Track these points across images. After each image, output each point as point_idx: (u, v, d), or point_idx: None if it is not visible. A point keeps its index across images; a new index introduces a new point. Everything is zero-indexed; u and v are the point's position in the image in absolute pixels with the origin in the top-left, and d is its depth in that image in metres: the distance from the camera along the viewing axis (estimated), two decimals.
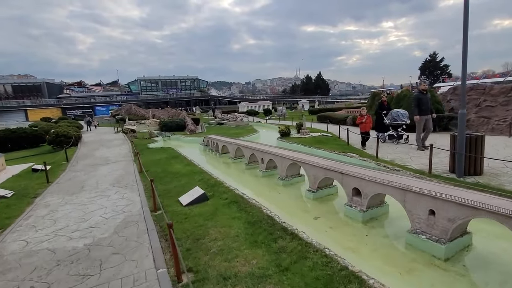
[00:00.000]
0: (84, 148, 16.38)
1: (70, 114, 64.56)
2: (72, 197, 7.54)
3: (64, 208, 6.67)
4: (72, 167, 11.73)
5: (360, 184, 5.48)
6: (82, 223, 5.66)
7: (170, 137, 21.70)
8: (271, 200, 6.89)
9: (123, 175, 9.65)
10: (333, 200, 6.82)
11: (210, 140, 14.25)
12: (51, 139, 16.04)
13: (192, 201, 6.26)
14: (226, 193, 6.78)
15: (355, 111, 26.33)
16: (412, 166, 8.24)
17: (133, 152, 13.98)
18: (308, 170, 6.89)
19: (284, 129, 15.17)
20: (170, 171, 9.65)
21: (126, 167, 11.08)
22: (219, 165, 11.69)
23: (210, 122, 31.05)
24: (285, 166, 7.89)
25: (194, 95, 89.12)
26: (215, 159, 12.94)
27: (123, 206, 6.53)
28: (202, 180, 8.11)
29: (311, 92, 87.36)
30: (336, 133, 15.92)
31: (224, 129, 23.24)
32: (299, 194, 7.36)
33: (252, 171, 9.98)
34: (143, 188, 7.90)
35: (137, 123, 32.68)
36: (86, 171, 10.78)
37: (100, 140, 20.20)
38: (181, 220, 5.42)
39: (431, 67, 75.35)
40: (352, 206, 5.67)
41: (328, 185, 7.01)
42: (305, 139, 14.08)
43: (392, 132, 11.18)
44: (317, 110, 39.36)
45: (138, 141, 18.38)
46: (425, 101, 9.22)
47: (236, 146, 11.22)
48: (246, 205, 5.83)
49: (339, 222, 5.56)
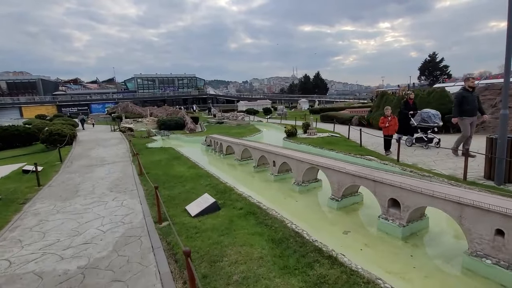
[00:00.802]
0: (79, 148, 15.50)
1: (65, 111, 63.15)
2: (65, 203, 6.73)
3: (55, 217, 5.86)
4: (66, 168, 10.88)
5: (399, 194, 4.74)
6: (76, 237, 4.87)
7: (169, 136, 20.89)
8: (290, 209, 6.13)
9: (121, 178, 8.84)
10: (359, 209, 6.09)
11: (213, 140, 13.47)
12: (44, 137, 15.15)
13: (202, 211, 5.49)
14: (239, 201, 6.02)
15: (359, 111, 25.68)
16: (439, 170, 7.54)
17: (131, 152, 13.16)
18: (332, 176, 6.15)
19: (291, 129, 14.43)
20: (173, 174, 8.85)
21: (124, 168, 10.27)
22: (224, 167, 10.90)
23: (209, 121, 30.27)
24: (302, 171, 7.14)
25: (191, 94, 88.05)
26: (219, 161, 12.16)
27: (123, 215, 5.73)
28: (210, 185, 7.33)
29: (309, 92, 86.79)
30: (344, 134, 15.22)
31: (225, 128, 22.45)
32: (319, 202, 6.62)
33: (262, 175, 9.23)
34: (144, 194, 7.11)
35: (134, 121, 31.76)
36: (81, 172, 9.95)
37: (96, 139, 19.29)
38: (191, 235, 4.65)
39: (430, 68, 75.07)
40: (388, 219, 4.94)
41: (353, 192, 6.28)
42: (314, 139, 13.35)
43: (421, 134, 10.04)
44: (318, 109, 38.72)
45: (136, 140, 17.53)
46: (471, 100, 7.89)
47: (243, 147, 10.46)
48: (266, 217, 5.08)
49: (374, 238, 4.83)
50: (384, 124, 9.20)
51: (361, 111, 25.27)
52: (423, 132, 9.91)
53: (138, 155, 9.71)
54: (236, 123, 24.22)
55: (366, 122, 19.39)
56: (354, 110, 26.74)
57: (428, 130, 9.82)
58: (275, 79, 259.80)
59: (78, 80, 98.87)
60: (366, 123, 19.27)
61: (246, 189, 7.23)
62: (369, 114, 19.37)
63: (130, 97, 75.19)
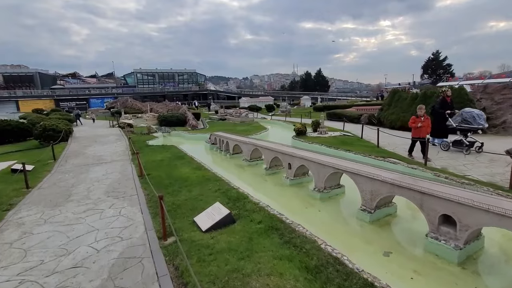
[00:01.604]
0: (75, 144, 14.60)
1: (63, 106, 62.10)
2: (55, 211, 5.89)
3: (42, 229, 5.02)
4: (59, 167, 10.02)
5: (456, 210, 3.92)
6: (64, 258, 4.03)
7: (170, 133, 20.00)
8: (314, 221, 5.31)
9: (119, 180, 8.00)
10: (395, 223, 5.27)
11: (219, 138, 12.61)
12: (38, 133, 14.26)
13: (214, 225, 4.65)
14: (256, 211, 5.19)
15: (368, 109, 24.82)
16: (474, 176, 6.73)
17: (131, 150, 12.30)
18: (363, 184, 5.32)
19: (301, 127, 13.58)
20: (176, 177, 8.01)
21: (123, 168, 9.42)
22: (232, 168, 10.05)
23: (211, 117, 29.37)
24: (325, 176, 6.31)
25: (192, 89, 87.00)
26: (226, 161, 11.31)
27: (121, 228, 4.90)
28: (220, 191, 6.49)
29: (310, 89, 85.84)
30: (355, 132, 14.41)
31: (228, 125, 21.56)
32: (346, 212, 5.80)
33: (275, 178, 8.40)
34: (145, 200, 6.27)
35: (134, 116, 30.84)
36: (75, 173, 9.10)
37: (93, 136, 18.36)
38: (204, 258, 3.82)
39: (433, 66, 74.18)
40: (440, 239, 4.12)
41: (387, 203, 5.45)
42: (326, 139, 12.52)
43: (460, 137, 8.83)
44: (321, 106, 37.77)
45: (136, 137, 16.65)
46: None
47: (253, 147, 9.61)
48: (292, 235, 4.25)
49: (423, 263, 4.01)
50: (415, 125, 8.18)
51: (370, 109, 24.40)
52: (463, 135, 8.74)
53: (138, 154, 8.85)
54: (240, 120, 23.33)
55: (376, 121, 18.58)
56: (362, 108, 25.83)
57: (468, 132, 8.65)
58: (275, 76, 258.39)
59: (76, 74, 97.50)
60: (377, 122, 18.46)
61: (260, 195, 6.40)
62: (380, 113, 18.54)
63: (129, 92, 74.17)
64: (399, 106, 16.59)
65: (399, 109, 16.32)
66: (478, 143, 8.66)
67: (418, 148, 8.79)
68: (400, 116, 15.78)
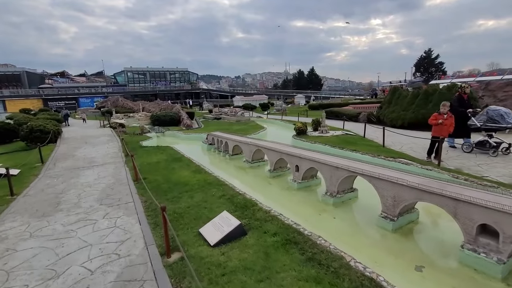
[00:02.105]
0: (64, 146, 13.84)
1: (52, 105, 60.48)
2: (42, 222, 5.29)
3: (27, 245, 4.43)
4: (47, 171, 9.35)
5: (498, 220, 3.50)
6: (52, 282, 3.47)
7: (164, 133, 19.33)
8: (332, 231, 4.84)
9: (113, 186, 7.40)
10: (421, 232, 4.84)
11: (217, 139, 12.06)
12: (24, 134, 13.48)
13: (223, 238, 4.14)
14: (268, 221, 4.69)
15: (366, 107, 24.58)
16: (493, 177, 6.38)
17: (124, 151, 11.65)
18: (385, 190, 4.87)
19: (301, 126, 13.13)
20: (175, 181, 7.45)
21: (116, 172, 8.81)
22: (233, 171, 9.53)
23: (205, 117, 28.68)
24: (338, 179, 5.86)
25: (184, 88, 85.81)
26: (225, 162, 10.77)
27: (117, 243, 4.35)
28: (225, 197, 5.98)
29: (303, 87, 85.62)
30: (356, 131, 14.06)
31: (224, 125, 20.98)
32: (364, 220, 5.34)
33: (280, 181, 7.91)
34: (142, 208, 5.71)
35: (126, 116, 29.94)
36: (64, 177, 8.46)
37: (83, 136, 17.54)
38: (216, 280, 3.31)
39: (425, 64, 74.83)
40: (478, 251, 3.70)
41: (410, 209, 5.03)
42: (328, 138, 12.09)
43: (484, 138, 8.12)
44: (316, 105, 37.48)
45: (129, 138, 15.95)
46: None
47: (256, 148, 9.10)
48: (314, 249, 3.77)
49: (462, 278, 3.58)
50: (436, 121, 7.47)
51: (367, 107, 24.17)
52: (488, 135, 8.08)
53: (133, 156, 8.25)
54: (236, 119, 22.77)
55: (375, 119, 18.29)
56: (359, 106, 25.55)
57: (494, 132, 8.00)
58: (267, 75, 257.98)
59: (65, 73, 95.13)
60: (376, 120, 18.17)
61: (269, 201, 5.90)
62: (379, 111, 18.25)
63: (120, 91, 72.68)
64: (399, 104, 16.30)
65: (400, 107, 16.03)
66: (505, 143, 7.98)
67: (425, 147, 8.40)
68: (401, 114, 15.49)
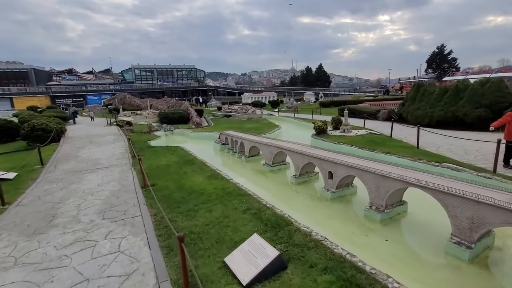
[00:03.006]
0: (68, 146, 13.00)
1: (59, 102, 60.35)
2: (32, 242, 4.39)
3: (8, 276, 3.52)
4: (47, 174, 8.50)
5: None
6: None
7: (173, 132, 18.46)
8: (386, 259, 3.84)
9: (118, 193, 6.48)
10: (502, 262, 3.79)
11: (231, 138, 11.09)
12: (25, 133, 12.70)
13: (258, 276, 3.16)
14: (311, 248, 3.69)
15: (381, 104, 23.34)
16: None
17: (131, 152, 10.76)
18: (459, 209, 3.83)
19: (321, 125, 12.07)
20: (189, 188, 6.49)
21: (122, 176, 7.90)
22: (251, 175, 8.55)
23: (214, 114, 27.71)
24: (388, 191, 4.82)
25: (191, 85, 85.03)
26: (241, 165, 9.79)
27: (122, 277, 3.40)
28: (250, 212, 4.99)
29: (311, 84, 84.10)
30: (380, 130, 12.99)
31: (235, 123, 19.97)
32: (426, 244, 4.30)
33: (307, 189, 6.90)
34: (152, 225, 4.77)
35: (133, 113, 29.16)
36: (65, 182, 7.58)
37: (88, 135, 16.66)
38: None
39: (438, 60, 72.65)
40: None
41: (488, 232, 3.97)
42: (353, 138, 11.01)
43: None
44: (328, 102, 36.24)
45: (136, 137, 15.08)
46: None
47: (277, 150, 8.09)
48: None
49: None
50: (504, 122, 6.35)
51: (387, 104, 22.91)
52: None
53: (140, 160, 7.32)
54: (247, 117, 21.73)
55: (396, 117, 17.10)
56: (377, 103, 24.23)
57: None
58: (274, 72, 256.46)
59: (73, 70, 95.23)
60: (397, 118, 16.98)
61: (303, 217, 4.91)
62: (401, 108, 17.03)
63: (127, 88, 72.20)
64: (425, 101, 15.12)
65: (426, 104, 14.85)
66: None
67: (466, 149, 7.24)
68: (427, 112, 14.32)
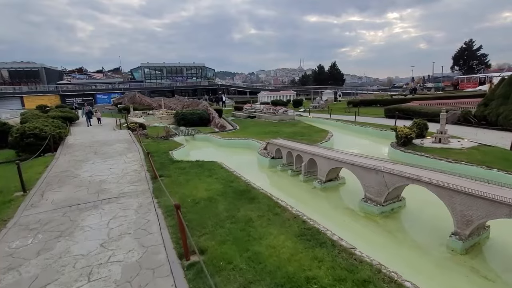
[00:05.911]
0: (65, 159, 9.76)
1: (69, 101, 58.35)
2: None
3: None
4: (27, 210, 5.51)
5: None
6: None
7: (194, 136, 15.36)
8: None
9: (139, 273, 3.40)
10: None
11: (288, 151, 7.93)
12: (14, 140, 9.80)
13: None
14: None
15: (456, 103, 19.72)
16: None
17: (149, 168, 7.71)
18: None
19: (409, 133, 8.79)
20: (273, 267, 3.36)
21: (140, 220, 4.83)
22: (356, 226, 5.33)
23: (235, 115, 24.42)
24: None
25: (201, 84, 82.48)
26: (322, 200, 6.54)
27: None
28: None
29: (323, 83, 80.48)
30: (479, 139, 9.67)
31: (266, 125, 16.73)
32: None
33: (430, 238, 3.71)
34: None
35: (145, 114, 26.26)
36: (49, 233, 4.55)
37: (92, 142, 12.91)
38: None
39: (465, 57, 68.26)
40: None
41: None
42: (464, 152, 7.73)
43: None
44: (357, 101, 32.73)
45: (153, 145, 11.95)
46: None
47: (398, 178, 4.86)
48: None
49: None
50: None
51: (462, 103, 19.36)
52: None
53: (179, 210, 4.25)
54: (278, 118, 18.53)
55: (475, 119, 13.70)
56: (424, 103, 20.46)
57: None
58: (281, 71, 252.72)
59: (83, 69, 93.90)
60: (477, 121, 13.58)
61: None
62: (483, 108, 13.58)
63: (137, 87, 70.09)
64: None
65: None
66: None
67: None
68: None
